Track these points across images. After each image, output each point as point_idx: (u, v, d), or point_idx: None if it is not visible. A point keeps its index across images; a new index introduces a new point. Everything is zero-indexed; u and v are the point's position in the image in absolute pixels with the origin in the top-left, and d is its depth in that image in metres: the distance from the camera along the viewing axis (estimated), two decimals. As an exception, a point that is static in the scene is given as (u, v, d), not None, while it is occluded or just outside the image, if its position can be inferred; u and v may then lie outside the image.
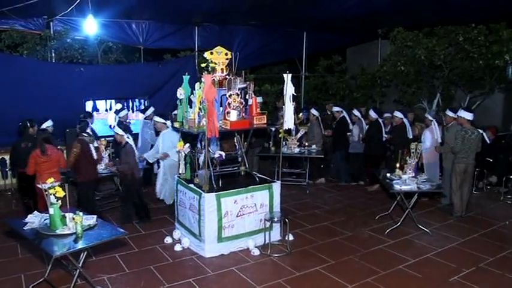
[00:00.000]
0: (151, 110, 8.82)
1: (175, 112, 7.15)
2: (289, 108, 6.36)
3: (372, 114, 9.36)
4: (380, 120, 9.33)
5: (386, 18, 10.25)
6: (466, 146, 7.35)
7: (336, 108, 9.95)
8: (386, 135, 9.22)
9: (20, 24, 8.96)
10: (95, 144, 7.09)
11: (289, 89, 6.27)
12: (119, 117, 8.81)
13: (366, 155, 9.43)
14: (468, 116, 7.45)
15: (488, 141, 8.37)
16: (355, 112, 9.72)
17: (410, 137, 8.64)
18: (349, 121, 9.80)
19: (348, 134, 9.85)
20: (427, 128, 8.33)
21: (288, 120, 6.39)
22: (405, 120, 8.83)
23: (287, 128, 6.59)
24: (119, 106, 9.40)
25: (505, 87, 10.76)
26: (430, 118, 8.33)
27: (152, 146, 7.91)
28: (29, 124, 7.20)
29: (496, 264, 5.80)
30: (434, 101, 11.01)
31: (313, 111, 9.91)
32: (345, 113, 9.82)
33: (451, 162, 7.65)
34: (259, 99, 8.31)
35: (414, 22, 10.51)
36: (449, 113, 8.00)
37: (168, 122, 7.56)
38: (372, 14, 9.37)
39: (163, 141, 7.39)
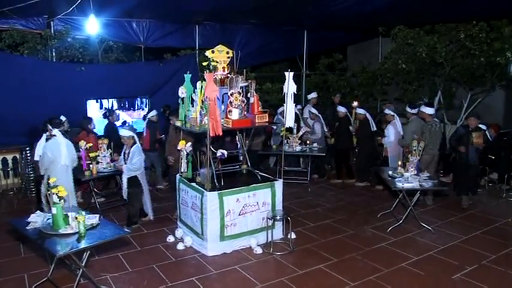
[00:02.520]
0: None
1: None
2: (290, 106, 6.37)
3: (341, 109, 9.68)
4: (349, 116, 9.84)
5: (387, 17, 10.20)
6: (433, 138, 7.99)
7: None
8: (352, 130, 9.67)
9: (20, 23, 8.94)
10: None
11: (290, 87, 6.27)
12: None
13: (337, 150, 9.94)
14: (430, 111, 8.13)
15: (490, 139, 8.46)
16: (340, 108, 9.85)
17: (374, 129, 9.36)
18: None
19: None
20: (390, 123, 8.80)
21: (289, 118, 6.40)
22: (367, 115, 9.37)
23: (288, 126, 6.62)
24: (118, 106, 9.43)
25: (506, 84, 10.73)
26: (392, 113, 8.83)
27: None
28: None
29: (498, 261, 5.80)
30: (436, 98, 10.99)
31: (313, 110, 9.96)
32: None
33: (397, 153, 8.40)
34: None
35: (415, 20, 10.48)
36: (409, 109, 8.66)
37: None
38: (372, 13, 9.33)
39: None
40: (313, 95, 10.78)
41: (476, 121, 7.85)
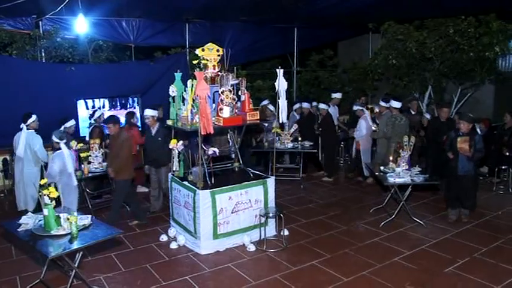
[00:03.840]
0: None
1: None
2: (283, 102, 6.38)
3: (305, 106, 10.04)
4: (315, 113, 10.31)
5: (376, 12, 10.24)
6: (397, 131, 8.15)
7: (322, 106, 10.01)
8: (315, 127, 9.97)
9: (8, 23, 8.86)
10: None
11: (281, 84, 6.28)
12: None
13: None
14: (397, 104, 8.41)
15: (480, 133, 8.52)
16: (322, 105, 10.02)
17: (336, 123, 10.09)
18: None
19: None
20: (361, 118, 9.14)
21: (282, 114, 6.41)
22: (329, 109, 9.83)
23: (281, 122, 6.65)
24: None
25: (495, 78, 10.83)
26: (360, 109, 9.27)
27: None
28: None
29: (490, 254, 5.86)
30: (426, 93, 11.06)
31: (305, 105, 10.04)
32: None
33: (385, 146, 8.45)
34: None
35: (404, 15, 10.52)
36: (382, 103, 8.93)
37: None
38: (362, 8, 9.36)
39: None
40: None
41: (467, 125, 6.72)
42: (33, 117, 7.32)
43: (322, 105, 9.87)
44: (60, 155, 6.36)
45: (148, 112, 7.46)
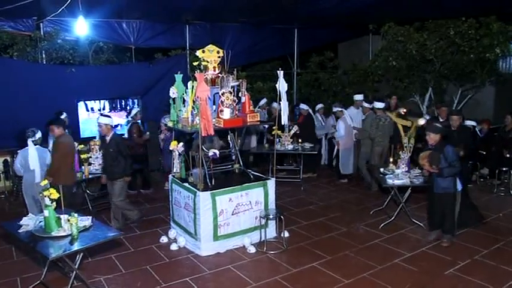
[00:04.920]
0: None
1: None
2: (284, 104, 6.40)
3: (304, 107, 10.23)
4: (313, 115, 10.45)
5: (376, 13, 10.24)
6: (381, 131, 8.54)
7: (303, 106, 10.28)
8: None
9: (9, 25, 8.88)
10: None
11: (282, 86, 6.29)
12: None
13: None
14: (380, 105, 8.71)
15: (480, 135, 8.55)
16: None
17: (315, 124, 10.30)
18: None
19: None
20: (340, 118, 9.44)
21: (283, 116, 6.43)
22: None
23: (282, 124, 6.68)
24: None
25: (496, 80, 10.83)
26: (339, 109, 9.55)
27: None
28: None
29: (490, 256, 5.85)
30: (426, 95, 11.06)
31: (303, 107, 10.18)
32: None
33: (369, 146, 8.83)
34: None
35: (405, 17, 10.53)
36: (365, 104, 9.33)
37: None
38: (362, 9, 9.36)
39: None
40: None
41: (433, 137, 6.01)
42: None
43: (303, 106, 10.18)
44: (24, 151, 6.55)
45: (102, 120, 6.77)
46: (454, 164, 5.87)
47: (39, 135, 6.64)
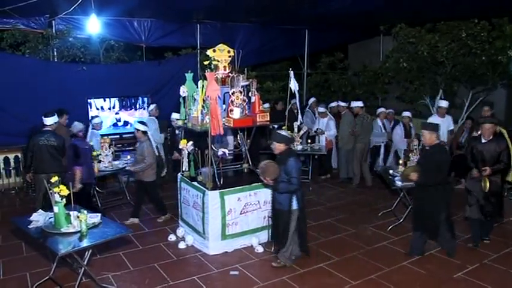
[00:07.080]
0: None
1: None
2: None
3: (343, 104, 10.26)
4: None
5: (388, 15, 10.20)
6: (364, 129, 9.14)
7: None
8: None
9: (22, 23, 8.94)
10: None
11: (294, 86, 6.31)
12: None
13: None
14: (359, 104, 9.45)
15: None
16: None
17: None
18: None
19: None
20: (330, 119, 9.72)
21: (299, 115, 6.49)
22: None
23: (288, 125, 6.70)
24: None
25: (507, 83, 10.71)
26: (323, 110, 9.72)
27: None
28: None
29: (500, 260, 5.80)
30: (437, 97, 10.97)
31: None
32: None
33: (351, 144, 9.31)
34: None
35: (416, 18, 10.47)
36: (342, 103, 9.81)
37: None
38: (373, 11, 9.33)
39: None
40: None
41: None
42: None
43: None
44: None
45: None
46: (291, 181, 5.34)
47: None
